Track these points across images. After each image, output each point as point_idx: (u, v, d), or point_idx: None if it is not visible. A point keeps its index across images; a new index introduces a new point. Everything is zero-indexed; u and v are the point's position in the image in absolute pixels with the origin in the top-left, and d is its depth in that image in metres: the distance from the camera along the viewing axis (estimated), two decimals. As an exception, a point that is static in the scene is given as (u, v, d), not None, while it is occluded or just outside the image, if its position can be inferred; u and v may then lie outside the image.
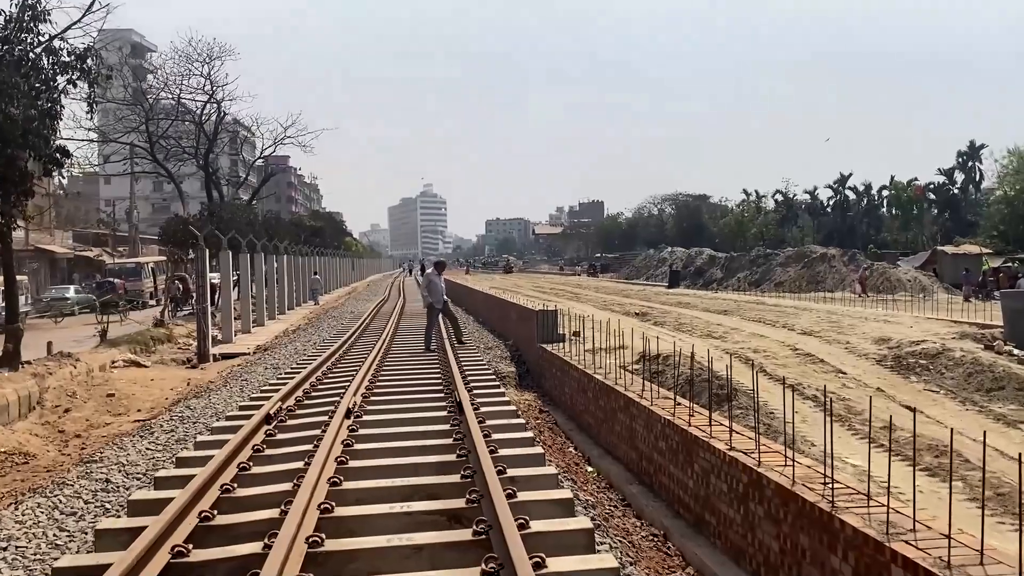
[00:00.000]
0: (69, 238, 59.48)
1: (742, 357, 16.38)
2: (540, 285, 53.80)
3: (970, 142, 79.52)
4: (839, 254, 54.72)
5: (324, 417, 8.94)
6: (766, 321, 21.60)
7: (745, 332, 19.54)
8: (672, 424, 8.53)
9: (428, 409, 10.07)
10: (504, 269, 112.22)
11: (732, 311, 24.86)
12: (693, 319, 22.21)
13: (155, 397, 16.31)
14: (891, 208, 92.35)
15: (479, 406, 9.49)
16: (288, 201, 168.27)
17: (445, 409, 9.96)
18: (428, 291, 18.47)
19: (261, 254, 31.32)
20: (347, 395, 9.94)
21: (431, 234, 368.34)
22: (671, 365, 14.66)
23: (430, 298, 18.32)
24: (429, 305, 18.33)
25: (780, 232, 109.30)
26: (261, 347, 23.06)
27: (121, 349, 21.00)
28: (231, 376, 16.56)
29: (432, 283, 18.54)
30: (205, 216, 32.79)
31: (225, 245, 25.06)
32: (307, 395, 11.03)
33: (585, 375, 12.37)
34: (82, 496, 7.55)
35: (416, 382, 12.48)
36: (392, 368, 14.21)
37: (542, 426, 12.77)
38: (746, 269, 58.20)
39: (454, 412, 9.39)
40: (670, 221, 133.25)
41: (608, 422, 11.08)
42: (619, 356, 15.35)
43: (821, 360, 16.32)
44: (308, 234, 75.85)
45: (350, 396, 9.82)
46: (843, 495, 5.78)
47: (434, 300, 18.21)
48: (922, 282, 46.17)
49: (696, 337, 19.08)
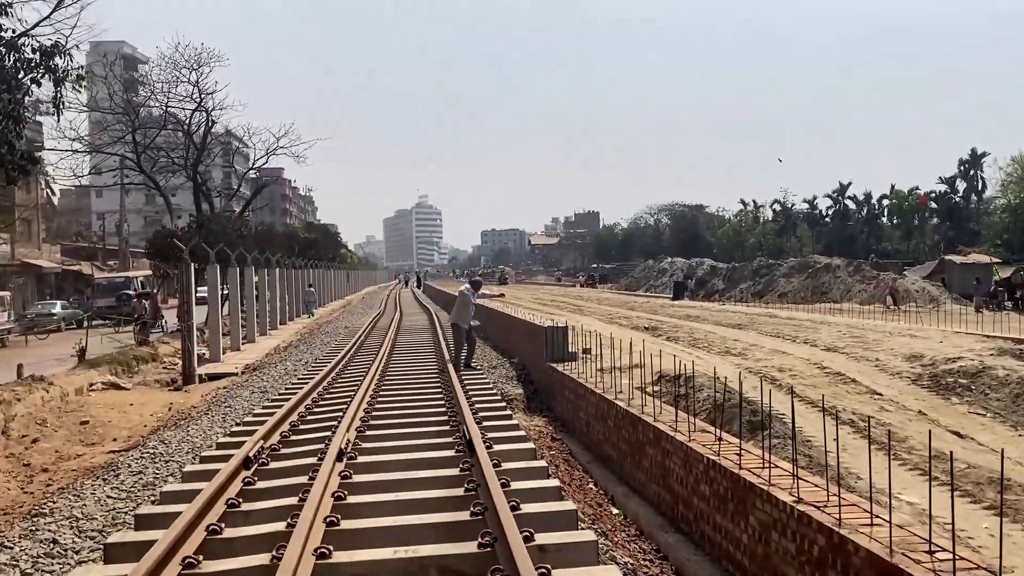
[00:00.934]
0: (57, 252, 58.13)
1: (767, 377, 15.19)
2: (540, 297, 52.60)
3: (972, 150, 78.78)
4: (844, 264, 53.70)
5: (313, 459, 7.71)
6: (785, 336, 20.43)
7: (765, 348, 18.37)
8: (718, 466, 7.33)
9: (433, 447, 8.86)
10: (499, 280, 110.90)
11: (746, 325, 23.69)
12: (707, 334, 21.02)
13: (133, 424, 15.05)
14: (891, 217, 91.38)
15: (491, 443, 8.28)
16: (283, 213, 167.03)
17: (452, 446, 8.75)
18: (460, 310, 16.50)
19: (251, 267, 30.06)
20: (339, 431, 8.71)
21: (426, 245, 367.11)
22: (694, 387, 13.47)
23: (459, 319, 16.39)
24: (455, 324, 16.49)
25: (779, 242, 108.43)
26: (250, 367, 21.81)
27: (101, 370, 19.73)
28: (215, 401, 15.31)
29: (466, 302, 16.66)
30: (194, 228, 31.52)
31: (213, 258, 23.82)
32: (294, 429, 9.79)
33: (605, 401, 11.16)
34: (19, 565, 6.30)
35: (417, 411, 11.26)
36: (390, 393, 12.99)
37: (557, 458, 11.55)
38: (748, 280, 57.13)
39: (463, 451, 8.18)
40: (667, 231, 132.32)
41: (634, 456, 9.87)
42: (635, 376, 14.21)
43: (853, 380, 15.15)
44: (302, 246, 74.65)
45: (343, 433, 8.59)
46: (965, 573, 4.59)
47: (460, 320, 16.46)
48: (931, 292, 45.13)
49: (714, 354, 17.90)
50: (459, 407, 10.58)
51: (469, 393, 12.24)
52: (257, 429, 9.28)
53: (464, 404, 10.69)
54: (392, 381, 14.64)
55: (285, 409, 10.54)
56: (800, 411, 13.59)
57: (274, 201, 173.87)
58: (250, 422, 10.45)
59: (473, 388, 13.23)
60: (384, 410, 11.27)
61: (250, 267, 29.94)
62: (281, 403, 11.95)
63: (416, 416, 10.88)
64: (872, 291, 44.64)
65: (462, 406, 10.38)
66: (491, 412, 11.03)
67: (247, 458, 7.52)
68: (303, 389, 12.65)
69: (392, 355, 18.83)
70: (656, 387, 14.34)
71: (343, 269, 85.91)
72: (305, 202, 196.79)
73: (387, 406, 11.63)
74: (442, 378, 14.68)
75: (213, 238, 30.73)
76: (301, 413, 10.64)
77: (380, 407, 11.58)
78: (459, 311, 16.51)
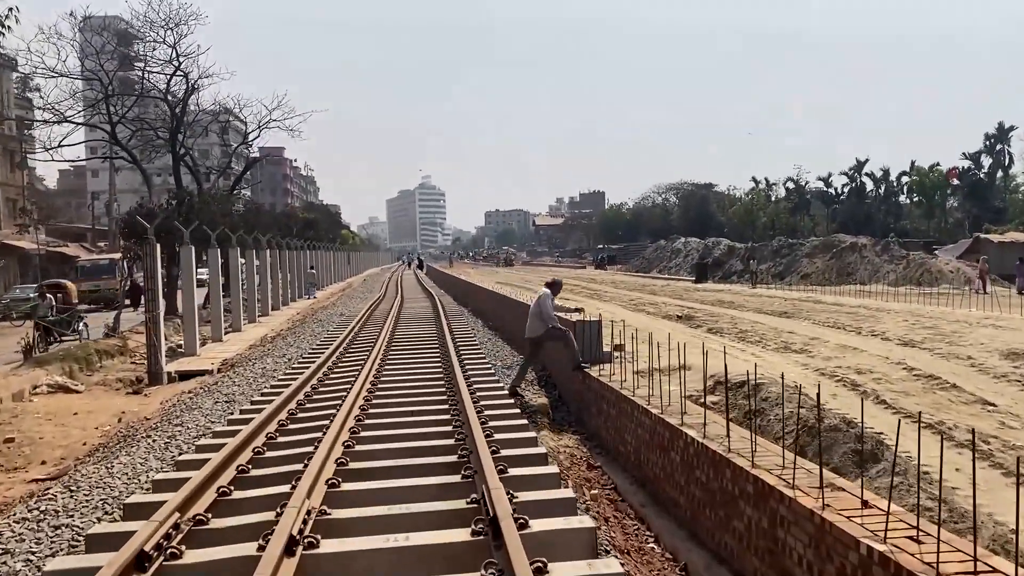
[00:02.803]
0: (42, 233, 55.36)
1: (847, 382, 12.38)
2: (550, 280, 49.79)
3: (999, 123, 75.26)
4: (871, 243, 50.77)
5: (250, 545, 4.94)
6: (845, 327, 17.60)
7: (830, 343, 15.53)
8: (897, 565, 4.53)
9: (435, 495, 6.16)
10: (504, 262, 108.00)
11: (793, 313, 20.85)
12: (753, 324, 18.19)
13: (72, 441, 12.34)
14: (911, 195, 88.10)
15: (522, 517, 5.45)
16: (284, 193, 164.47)
17: (465, 494, 6.05)
18: (534, 320, 12.97)
19: (237, 249, 27.26)
20: (299, 491, 5.92)
21: (430, 226, 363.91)
22: (767, 399, 10.66)
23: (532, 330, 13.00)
24: (529, 339, 13.16)
25: (792, 221, 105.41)
26: (228, 362, 19.09)
27: (51, 369, 17.00)
28: (170, 414, 12.56)
29: (545, 310, 12.93)
30: (172, 206, 28.67)
31: (187, 238, 21.02)
32: (239, 479, 6.99)
33: (666, 426, 8.36)
34: None
35: (417, 436, 8.51)
36: (383, 409, 10.23)
37: (599, 496, 8.78)
38: (769, 260, 54.24)
39: (484, 531, 5.35)
40: (675, 211, 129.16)
41: (717, 510, 7.08)
42: (684, 380, 11.50)
43: (953, 385, 12.30)
44: (301, 227, 71.94)
45: (301, 497, 5.79)
46: None
47: (533, 332, 13.05)
48: (966, 273, 42.26)
49: (772, 351, 15.08)
50: (471, 435, 7.82)
51: (483, 411, 9.46)
52: (190, 478, 6.51)
53: (478, 431, 7.91)
54: (387, 388, 11.87)
55: (238, 441, 7.77)
56: (902, 429, 10.81)
57: (275, 181, 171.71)
58: (187, 463, 7.67)
59: (487, 400, 10.46)
60: (374, 439, 8.51)
61: (235, 248, 27.14)
62: (246, 421, 9.22)
63: (415, 446, 8.14)
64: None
65: (476, 438, 7.59)
66: (513, 440, 8.28)
67: (142, 552, 4.73)
68: (271, 405, 9.88)
69: (389, 351, 16.07)
70: (714, 397, 11.57)
71: (344, 251, 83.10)
72: (307, 182, 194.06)
73: (378, 432, 8.87)
74: (447, 381, 11.90)
75: (195, 216, 27.96)
76: (257, 449, 7.84)
77: (369, 432, 8.82)
78: (533, 321, 13.01)
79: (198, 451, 8.26)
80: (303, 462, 6.83)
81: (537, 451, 7.79)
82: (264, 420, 8.76)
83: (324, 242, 67.71)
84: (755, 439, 7.05)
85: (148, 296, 17.62)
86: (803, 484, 6.01)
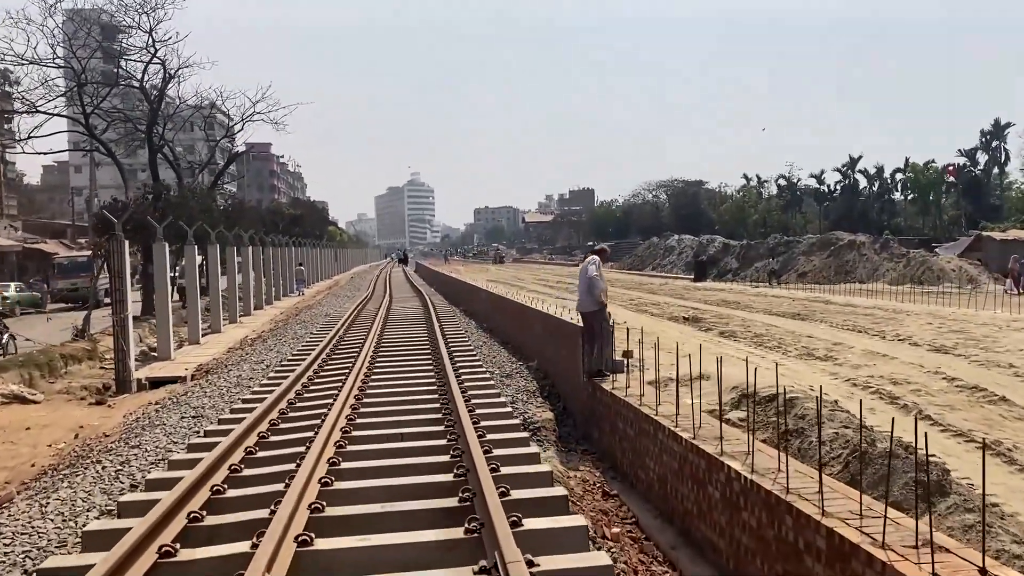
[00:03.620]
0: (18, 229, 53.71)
1: (883, 394, 11.19)
2: (544, 278, 48.46)
3: (995, 120, 74.34)
4: (870, 241, 49.79)
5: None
6: (866, 330, 16.45)
7: (855, 349, 14.35)
8: None
9: (435, 559, 4.87)
10: (494, 259, 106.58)
11: (806, 315, 19.69)
12: (768, 327, 17.00)
13: (20, 461, 11.01)
14: (905, 192, 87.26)
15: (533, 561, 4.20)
16: (271, 190, 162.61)
17: (463, 520, 4.80)
18: (583, 292, 11.54)
19: (216, 246, 25.90)
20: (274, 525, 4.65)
21: (419, 223, 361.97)
22: (805, 417, 9.44)
23: (584, 304, 11.49)
24: (582, 313, 11.63)
25: (783, 218, 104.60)
26: (203, 368, 17.76)
27: (7, 377, 15.62)
28: (133, 429, 11.24)
29: (594, 282, 11.42)
30: (147, 200, 27.25)
31: (160, 234, 19.67)
32: (189, 528, 5.70)
33: (703, 456, 7.12)
34: None
35: (408, 469, 7.23)
36: (371, 426, 9.01)
37: (620, 536, 7.53)
38: (764, 258, 53.20)
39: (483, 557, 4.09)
40: (666, 208, 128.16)
41: (776, 564, 5.84)
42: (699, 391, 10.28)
43: (1002, 398, 11.13)
44: (287, 223, 70.43)
45: (274, 540, 4.52)
46: None
47: (584, 306, 11.50)
48: (968, 272, 41.29)
49: (794, 359, 13.88)
50: (471, 461, 6.59)
51: (482, 433, 8.21)
52: (131, 530, 5.23)
53: (478, 456, 6.68)
54: (375, 399, 10.61)
55: (198, 473, 6.49)
56: (952, 449, 9.62)
57: (262, 177, 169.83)
58: (130, 505, 6.38)
59: (487, 418, 9.22)
60: (360, 466, 7.26)
61: (214, 245, 25.76)
62: (211, 444, 7.95)
63: (407, 473, 6.91)
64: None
65: (477, 467, 6.35)
66: (519, 468, 7.05)
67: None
68: (244, 423, 8.61)
69: (377, 356, 14.79)
70: (737, 412, 10.36)
71: (331, 247, 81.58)
72: (294, 178, 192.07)
73: (365, 456, 7.64)
74: (442, 396, 10.65)
75: (172, 211, 26.59)
76: (216, 489, 6.53)
77: (354, 456, 7.58)
78: (583, 295, 11.56)
79: (148, 488, 6.97)
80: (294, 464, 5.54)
81: (554, 493, 6.52)
82: (257, 418, 7.51)
83: (310, 239, 66.23)
84: (822, 478, 5.80)
85: (115, 297, 16.26)
86: (894, 541, 4.78)
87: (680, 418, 8.11)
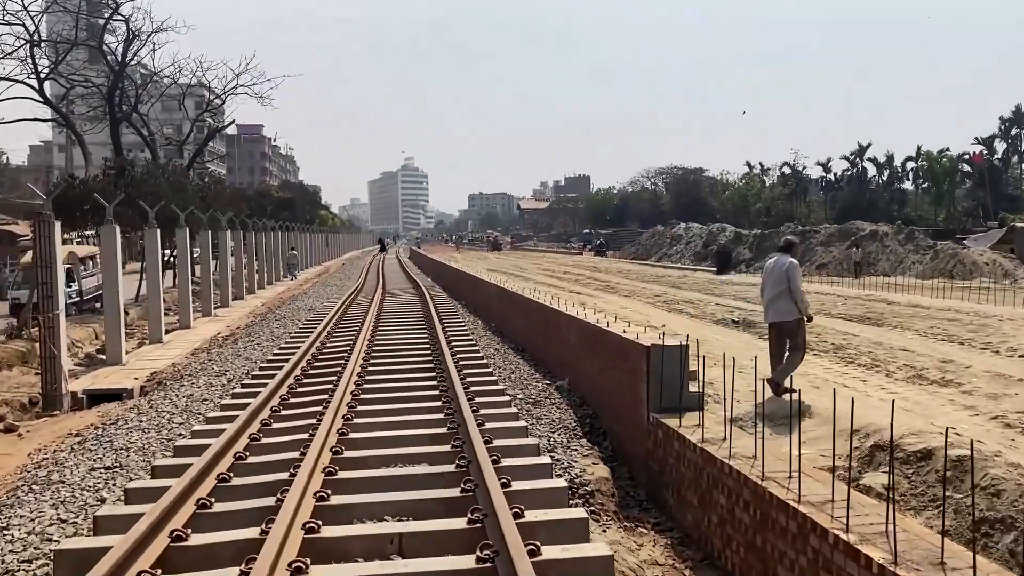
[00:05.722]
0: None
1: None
2: (547, 268, 45.34)
3: (1016, 107, 71.35)
4: (893, 232, 46.85)
5: None
6: (970, 342, 13.45)
7: (974, 369, 11.31)
8: None
9: None
10: (491, 246, 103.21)
11: (875, 319, 16.68)
12: (846, 337, 13.98)
13: None
14: (916, 181, 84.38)
15: None
16: (262, 173, 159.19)
17: None
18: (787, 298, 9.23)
19: (186, 229, 22.77)
20: None
21: (412, 208, 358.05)
22: (987, 488, 6.42)
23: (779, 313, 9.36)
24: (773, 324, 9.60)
25: (788, 207, 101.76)
26: (157, 376, 14.68)
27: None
28: (29, 479, 8.13)
29: (794, 284, 9.23)
30: (110, 176, 24.07)
31: (109, 214, 16.58)
32: None
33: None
34: None
35: None
36: (362, 469, 5.98)
37: None
38: (779, 248, 50.30)
39: None
40: (665, 196, 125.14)
41: None
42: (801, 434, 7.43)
43: None
44: (275, 206, 67.17)
45: None
46: None
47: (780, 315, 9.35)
48: (1004, 266, 38.43)
49: (901, 382, 10.82)
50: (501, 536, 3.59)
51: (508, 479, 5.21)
52: None
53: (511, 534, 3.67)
54: (366, 427, 7.61)
55: None
56: None
57: (253, 159, 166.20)
58: None
59: (513, 458, 6.24)
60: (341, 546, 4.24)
61: (183, 228, 22.65)
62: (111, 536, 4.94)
63: None
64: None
65: None
66: None
67: None
68: (199, 463, 5.57)
69: (369, 365, 11.76)
70: (875, 474, 7.35)
71: (322, 232, 78.31)
72: (286, 162, 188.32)
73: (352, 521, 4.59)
74: (453, 438, 7.61)
75: (136, 190, 23.46)
76: None
77: (335, 521, 4.56)
78: (778, 300, 9.33)
79: None
80: None
81: None
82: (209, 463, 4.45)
83: (301, 223, 63.04)
84: None
85: (42, 292, 13.15)
86: None
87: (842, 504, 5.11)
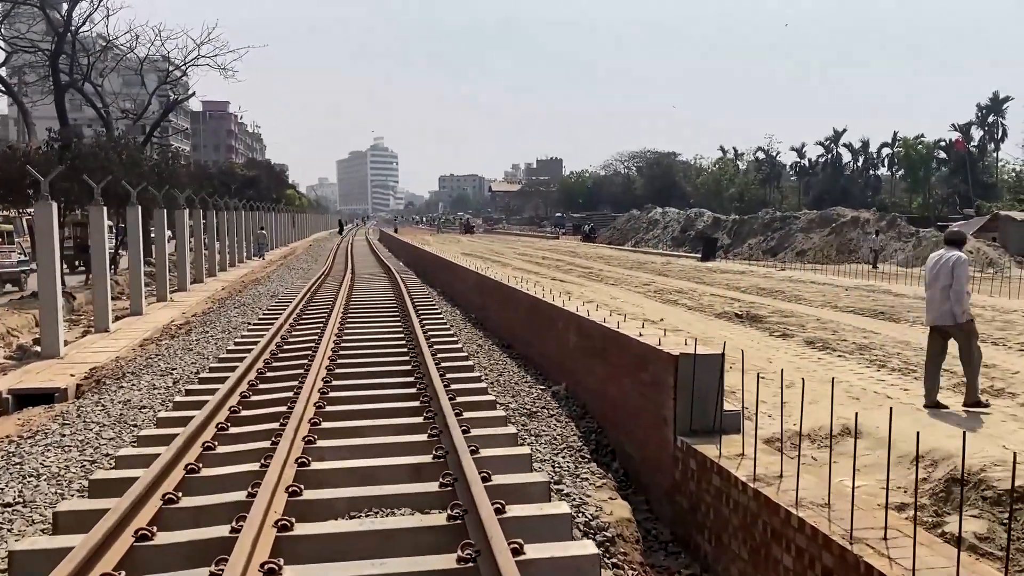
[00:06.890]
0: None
1: None
2: (525, 253, 43.83)
3: (993, 93, 70.93)
4: (875, 218, 46.11)
5: None
6: (1002, 342, 12.27)
7: (1021, 375, 10.09)
8: None
9: None
10: (464, 229, 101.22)
11: (889, 313, 15.47)
12: (867, 335, 12.72)
13: None
14: (892, 168, 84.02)
15: None
16: (227, 151, 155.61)
17: None
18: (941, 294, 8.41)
19: (138, 207, 20.97)
20: None
21: (382, 189, 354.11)
22: None
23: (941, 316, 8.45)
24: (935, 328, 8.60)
25: (762, 193, 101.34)
26: (96, 373, 13.01)
27: None
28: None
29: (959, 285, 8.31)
30: (54, 150, 22.14)
31: (44, 189, 14.81)
32: None
33: None
34: None
35: None
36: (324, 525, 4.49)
37: None
38: (759, 235, 49.43)
39: None
40: (638, 180, 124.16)
41: None
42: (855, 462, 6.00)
43: None
44: (240, 184, 64.87)
45: None
46: None
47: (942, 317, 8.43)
48: (988, 254, 37.73)
49: (951, 390, 9.54)
50: None
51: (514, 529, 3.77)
52: None
53: None
54: (323, 475, 6.12)
55: None
56: None
57: (219, 137, 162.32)
58: None
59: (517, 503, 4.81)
60: None
61: (135, 206, 20.84)
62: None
63: None
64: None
65: None
66: None
67: None
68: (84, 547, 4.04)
69: (337, 368, 10.23)
70: (947, 507, 6.05)
71: (288, 212, 76.02)
72: (253, 140, 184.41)
73: None
74: (436, 457, 6.13)
75: (83, 164, 21.59)
76: None
77: None
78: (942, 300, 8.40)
79: None
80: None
81: None
82: None
83: (266, 202, 60.87)
84: None
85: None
86: None
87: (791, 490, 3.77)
